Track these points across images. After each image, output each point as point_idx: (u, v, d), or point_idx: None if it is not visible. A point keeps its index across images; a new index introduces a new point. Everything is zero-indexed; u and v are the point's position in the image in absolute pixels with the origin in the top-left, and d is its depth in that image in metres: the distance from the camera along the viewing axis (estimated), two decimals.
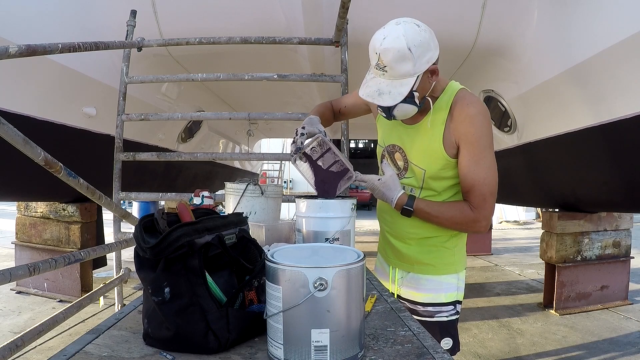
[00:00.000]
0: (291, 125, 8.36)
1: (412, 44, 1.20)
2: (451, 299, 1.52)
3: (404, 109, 1.32)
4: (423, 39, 1.23)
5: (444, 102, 1.38)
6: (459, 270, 1.53)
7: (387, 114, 1.35)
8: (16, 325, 3.82)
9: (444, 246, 1.50)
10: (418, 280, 1.54)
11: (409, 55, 1.21)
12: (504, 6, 3.14)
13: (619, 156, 3.16)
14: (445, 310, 1.51)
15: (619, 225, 4.89)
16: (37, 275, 1.51)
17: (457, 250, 1.52)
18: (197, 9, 3.22)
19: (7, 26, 2.54)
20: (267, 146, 14.74)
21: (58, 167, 1.47)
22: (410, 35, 1.21)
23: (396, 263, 1.60)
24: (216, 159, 6.53)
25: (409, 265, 1.56)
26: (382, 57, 1.23)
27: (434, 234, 1.49)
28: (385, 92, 1.26)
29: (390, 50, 1.21)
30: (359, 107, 1.69)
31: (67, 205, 4.50)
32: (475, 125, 1.33)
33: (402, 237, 1.55)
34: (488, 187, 1.36)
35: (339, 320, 0.76)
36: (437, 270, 1.51)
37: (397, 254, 1.58)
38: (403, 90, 1.25)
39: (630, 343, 3.80)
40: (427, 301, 1.52)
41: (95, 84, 3.41)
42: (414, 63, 1.22)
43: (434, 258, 1.51)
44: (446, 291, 1.51)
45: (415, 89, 1.28)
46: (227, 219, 1.00)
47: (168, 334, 0.84)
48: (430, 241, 1.50)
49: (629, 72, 2.62)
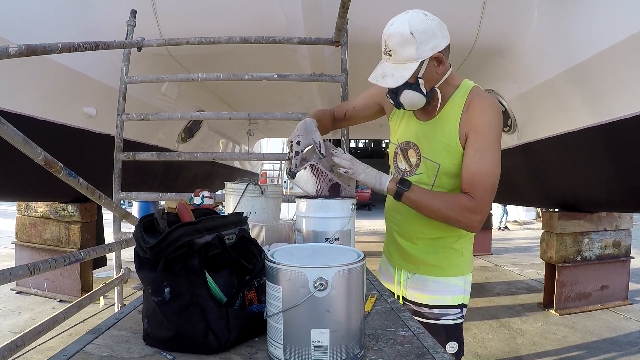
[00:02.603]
0: (291, 125, 8.35)
1: (416, 29, 1.25)
2: (458, 301, 1.49)
3: (410, 97, 1.34)
4: (428, 26, 1.27)
5: (459, 97, 1.38)
6: (465, 272, 1.50)
7: (395, 100, 1.37)
8: (16, 325, 3.82)
9: (452, 247, 1.47)
10: (424, 282, 1.50)
11: (411, 39, 1.25)
12: (504, 6, 3.14)
13: (619, 156, 3.16)
14: (452, 313, 1.48)
15: (619, 225, 4.89)
16: (37, 275, 1.51)
17: (464, 252, 1.50)
18: (197, 9, 3.22)
19: (7, 26, 2.54)
20: (267, 146, 14.73)
21: (58, 167, 1.47)
22: (415, 22, 1.26)
23: (401, 264, 1.57)
24: (216, 159, 6.53)
25: (415, 266, 1.52)
26: (387, 42, 1.29)
27: (443, 234, 1.45)
28: (388, 75, 1.31)
29: (395, 35, 1.27)
30: (371, 108, 1.66)
31: (67, 205, 4.50)
32: (486, 116, 1.34)
33: (410, 236, 1.51)
34: (490, 180, 1.31)
35: (339, 320, 0.76)
36: (444, 272, 1.48)
37: (403, 254, 1.55)
38: (405, 74, 1.29)
39: (630, 343, 3.80)
40: (433, 303, 1.49)
41: (95, 84, 3.41)
42: (417, 47, 1.26)
43: (441, 259, 1.48)
44: (453, 294, 1.48)
45: (421, 75, 1.31)
46: (227, 218, 1.00)
47: (168, 334, 0.84)
48: (438, 242, 1.47)
49: (629, 72, 2.62)
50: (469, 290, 1.52)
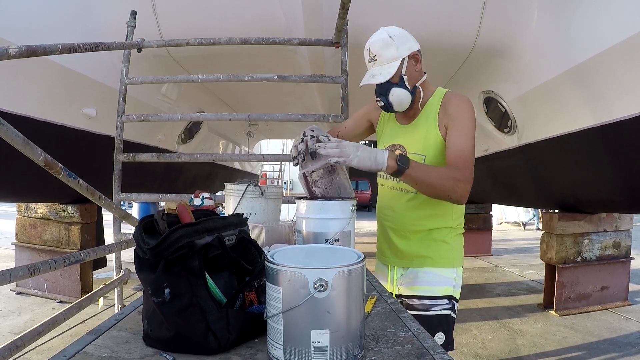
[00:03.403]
0: (291, 127, 8.37)
1: (392, 33, 1.49)
2: (446, 292, 1.57)
3: (398, 94, 1.51)
4: (401, 32, 1.52)
5: (435, 101, 1.57)
6: (455, 265, 1.61)
7: (385, 102, 1.53)
8: (16, 326, 3.82)
9: (443, 240, 1.59)
10: (416, 274, 1.60)
11: (390, 41, 1.48)
12: (504, 6, 3.14)
13: (619, 157, 3.16)
14: (440, 304, 1.56)
15: (619, 226, 4.89)
16: (37, 276, 1.51)
17: (455, 245, 1.61)
18: (197, 10, 3.22)
19: (7, 27, 2.54)
20: (267, 147, 14.74)
21: (58, 168, 1.47)
22: (390, 29, 1.51)
23: (395, 261, 1.65)
24: (216, 160, 6.53)
25: (408, 261, 1.62)
26: (371, 50, 1.51)
27: (436, 225, 1.57)
28: (377, 74, 1.50)
29: (377, 42, 1.50)
30: (361, 126, 1.82)
31: (67, 206, 4.50)
32: (462, 108, 1.51)
33: (404, 230, 1.61)
34: (472, 158, 1.46)
35: (339, 321, 0.76)
36: (435, 263, 1.58)
37: (395, 251, 1.64)
38: (391, 70, 1.48)
39: (630, 344, 3.80)
40: (422, 294, 1.57)
41: (95, 85, 3.41)
42: (397, 48, 1.48)
43: (432, 251, 1.58)
44: (442, 284, 1.57)
45: (404, 73, 1.50)
46: (227, 220, 1.00)
47: (168, 334, 0.84)
48: (431, 235, 1.58)
49: (629, 73, 2.62)
50: (459, 285, 1.62)
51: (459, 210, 1.63)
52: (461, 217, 1.65)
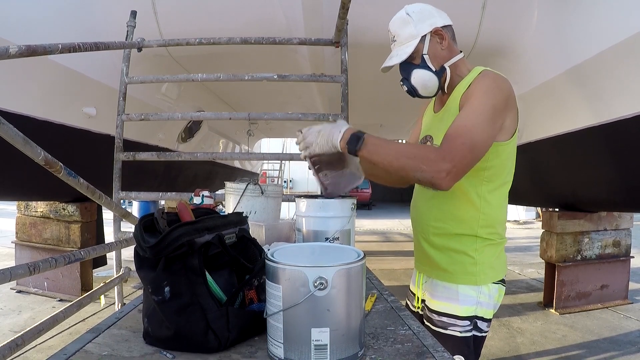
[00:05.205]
0: (291, 125, 8.36)
1: (411, 10, 1.35)
2: (468, 313, 1.34)
3: (421, 75, 1.35)
4: (423, 7, 1.37)
5: (466, 81, 1.34)
6: (480, 282, 1.34)
7: (409, 86, 1.39)
8: (16, 324, 3.82)
9: (466, 253, 1.35)
10: (435, 287, 1.42)
11: (408, 19, 1.34)
12: (504, 6, 3.14)
13: (619, 156, 3.16)
14: (460, 324, 1.34)
15: (619, 224, 4.89)
16: (37, 275, 1.51)
17: (481, 259, 1.34)
18: (197, 9, 3.22)
19: (7, 27, 2.54)
20: (267, 146, 14.75)
21: (58, 166, 1.47)
22: (411, 6, 1.37)
23: (420, 267, 1.51)
24: (216, 159, 6.53)
25: (429, 269, 1.45)
26: (390, 30, 1.39)
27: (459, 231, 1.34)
28: (394, 55, 1.38)
29: (395, 20, 1.38)
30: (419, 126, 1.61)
31: (67, 205, 4.50)
32: (482, 84, 1.27)
33: (425, 232, 1.43)
34: (468, 136, 1.17)
35: (339, 319, 0.76)
36: (453, 278, 1.36)
37: (419, 255, 1.50)
38: (408, 50, 1.34)
39: (630, 342, 3.80)
40: (441, 310, 1.38)
41: (95, 85, 3.41)
42: (415, 25, 1.34)
43: (452, 264, 1.37)
44: (462, 303, 1.34)
45: (426, 52, 1.34)
46: (227, 218, 1.01)
47: (168, 333, 0.85)
48: (451, 243, 1.37)
49: (629, 73, 2.62)
50: (488, 304, 1.36)
51: (489, 216, 1.33)
52: (493, 226, 1.34)
